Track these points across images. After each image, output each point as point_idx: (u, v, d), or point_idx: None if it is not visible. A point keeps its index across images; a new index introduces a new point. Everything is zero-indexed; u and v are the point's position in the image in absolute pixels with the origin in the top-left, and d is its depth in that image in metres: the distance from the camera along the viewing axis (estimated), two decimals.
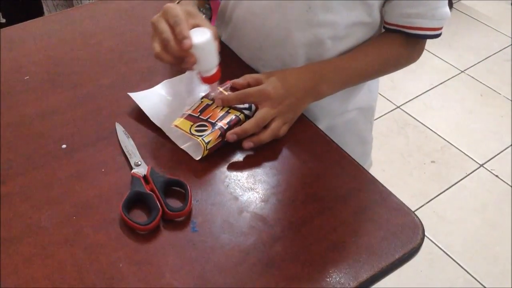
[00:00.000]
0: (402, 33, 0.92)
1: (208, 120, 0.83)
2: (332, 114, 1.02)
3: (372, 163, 1.18)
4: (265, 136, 0.82)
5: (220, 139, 0.81)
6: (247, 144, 0.82)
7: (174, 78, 0.94)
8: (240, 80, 0.87)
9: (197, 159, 0.81)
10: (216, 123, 0.82)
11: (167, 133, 0.84)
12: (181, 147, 0.83)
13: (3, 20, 1.97)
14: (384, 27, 0.95)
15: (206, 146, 0.79)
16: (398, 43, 0.94)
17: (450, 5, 3.00)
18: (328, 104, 0.97)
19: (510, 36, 2.87)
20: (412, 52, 0.97)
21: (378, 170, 2.03)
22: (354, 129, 1.10)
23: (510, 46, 2.81)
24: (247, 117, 0.84)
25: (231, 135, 0.81)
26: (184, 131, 0.81)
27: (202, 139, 0.79)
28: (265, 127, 0.83)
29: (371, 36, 0.96)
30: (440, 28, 0.92)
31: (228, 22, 1.01)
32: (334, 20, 0.89)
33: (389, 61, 0.96)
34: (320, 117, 0.98)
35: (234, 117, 0.83)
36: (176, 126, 0.83)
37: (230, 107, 0.85)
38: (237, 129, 0.82)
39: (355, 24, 0.91)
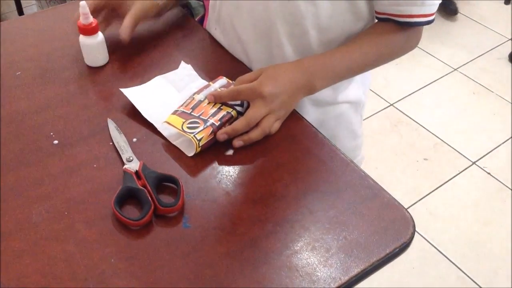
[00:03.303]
0: (394, 21, 0.91)
1: (200, 117, 0.83)
2: (321, 104, 1.02)
3: (364, 158, 1.19)
4: (256, 134, 0.83)
5: (213, 136, 0.81)
6: (237, 143, 0.82)
7: (167, 74, 0.94)
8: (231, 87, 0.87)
9: (190, 155, 0.81)
10: (208, 119, 0.82)
11: (160, 129, 0.84)
12: (174, 143, 0.83)
13: None
14: (376, 17, 0.94)
15: (199, 143, 0.80)
16: (391, 32, 0.93)
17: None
18: (318, 93, 0.96)
19: (503, 34, 2.89)
20: (408, 40, 0.95)
21: (371, 167, 2.04)
22: (345, 123, 1.09)
23: (503, 45, 2.82)
24: (240, 113, 0.84)
25: (221, 135, 0.81)
26: (176, 128, 0.81)
27: (194, 136, 0.80)
28: (256, 125, 0.83)
29: (361, 27, 0.95)
30: (432, 14, 0.90)
31: (219, 18, 1.02)
32: (316, 10, 0.89)
33: (384, 51, 0.94)
34: (309, 106, 0.98)
35: (226, 113, 0.83)
36: (168, 123, 0.83)
37: (222, 104, 0.85)
38: (227, 129, 0.82)
39: (338, 15, 0.90)
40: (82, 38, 0.94)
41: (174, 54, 1.01)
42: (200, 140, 0.79)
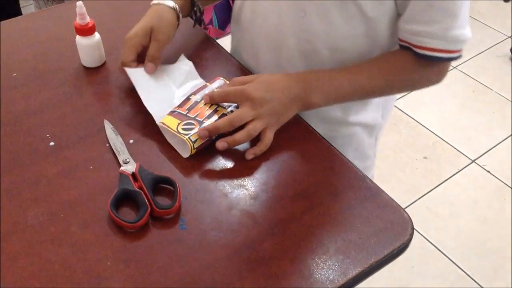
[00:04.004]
0: (413, 51, 0.84)
1: (196, 118, 0.82)
2: (329, 122, 0.97)
3: (373, 177, 1.12)
4: (240, 136, 0.80)
5: (208, 138, 0.81)
6: (221, 144, 0.80)
7: (167, 66, 0.93)
8: (225, 86, 0.86)
9: (185, 157, 0.80)
10: (204, 121, 0.82)
11: (157, 122, 0.83)
12: (170, 142, 0.82)
13: None
14: (399, 44, 0.87)
15: (193, 145, 0.79)
16: (409, 62, 0.86)
17: None
18: (326, 111, 0.92)
19: (503, 32, 2.88)
20: (428, 74, 0.88)
21: None
22: (355, 145, 1.03)
23: (502, 42, 2.81)
24: None
25: (202, 131, 0.79)
26: (171, 129, 0.81)
27: (189, 137, 0.79)
28: (242, 127, 0.80)
29: (379, 53, 0.89)
30: (456, 51, 0.83)
31: (239, 18, 1.00)
32: (329, 30, 0.85)
33: (396, 80, 0.88)
34: (315, 122, 0.92)
35: (221, 115, 0.83)
36: (163, 123, 0.82)
37: (218, 105, 0.84)
38: (208, 126, 0.80)
39: (354, 37, 0.86)
40: (78, 39, 0.94)
41: (170, 54, 1.00)
42: (194, 142, 0.79)
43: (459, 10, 0.80)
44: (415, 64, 0.86)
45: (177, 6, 0.93)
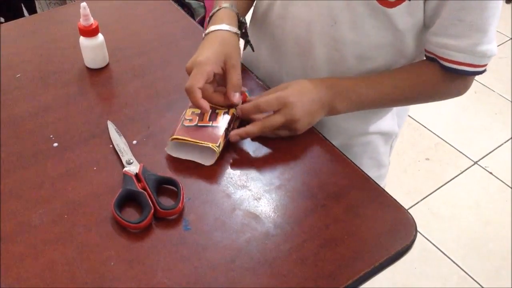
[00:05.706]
0: (439, 64, 0.85)
1: (212, 125, 0.81)
2: (348, 134, 0.98)
3: (386, 185, 1.11)
4: (255, 129, 0.81)
5: (226, 138, 0.81)
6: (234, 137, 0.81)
7: None
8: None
9: (208, 164, 0.79)
10: (219, 125, 0.81)
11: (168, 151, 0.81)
12: (185, 157, 0.80)
13: (2, 20, 1.93)
14: (425, 55, 0.88)
15: (219, 150, 0.79)
16: (435, 74, 0.86)
17: None
18: (345, 123, 0.92)
19: (504, 33, 2.88)
20: (452, 86, 0.89)
21: None
22: (372, 153, 1.04)
23: (504, 44, 2.81)
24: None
25: (234, 136, 0.80)
26: (189, 140, 0.79)
27: (213, 144, 0.78)
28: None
29: (404, 63, 0.90)
30: (482, 66, 0.83)
31: (261, 24, 0.98)
32: (359, 39, 0.85)
33: (421, 90, 0.88)
34: (334, 134, 0.92)
35: (232, 115, 0.83)
36: (176, 139, 0.79)
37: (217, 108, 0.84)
38: (241, 131, 0.81)
39: (382, 46, 0.86)
40: (82, 40, 0.94)
41: (174, 55, 1.01)
42: (218, 146, 0.79)
43: (489, 26, 0.80)
44: (441, 77, 0.86)
45: (239, 32, 0.88)
